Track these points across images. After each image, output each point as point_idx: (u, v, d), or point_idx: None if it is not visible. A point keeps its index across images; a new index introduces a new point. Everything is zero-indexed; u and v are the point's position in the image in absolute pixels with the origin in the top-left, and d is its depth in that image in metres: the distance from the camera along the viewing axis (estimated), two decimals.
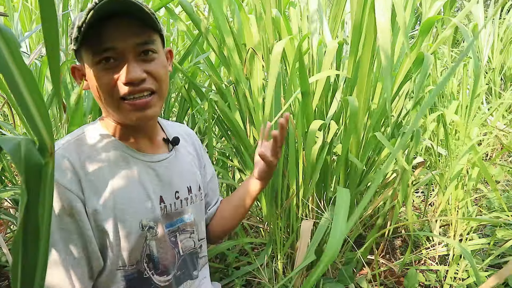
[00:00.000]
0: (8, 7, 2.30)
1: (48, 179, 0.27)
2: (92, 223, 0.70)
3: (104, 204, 0.71)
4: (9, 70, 0.27)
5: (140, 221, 0.75)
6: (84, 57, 0.72)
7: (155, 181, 0.80)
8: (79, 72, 0.78)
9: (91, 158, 0.73)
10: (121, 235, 0.73)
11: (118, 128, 0.78)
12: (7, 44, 0.28)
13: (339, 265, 1.34)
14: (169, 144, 0.87)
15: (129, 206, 0.74)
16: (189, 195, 0.87)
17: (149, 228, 0.76)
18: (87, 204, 0.70)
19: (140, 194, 0.76)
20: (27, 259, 0.28)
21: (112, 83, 0.71)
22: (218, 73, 1.53)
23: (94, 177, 0.71)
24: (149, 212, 0.77)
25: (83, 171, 0.70)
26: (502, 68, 2.96)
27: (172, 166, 0.84)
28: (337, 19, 1.38)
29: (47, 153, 0.26)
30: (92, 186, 0.70)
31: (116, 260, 0.73)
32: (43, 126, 0.27)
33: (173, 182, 0.83)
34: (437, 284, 1.52)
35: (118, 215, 0.72)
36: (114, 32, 0.69)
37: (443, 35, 1.24)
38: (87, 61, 0.72)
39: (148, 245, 0.77)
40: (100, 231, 0.71)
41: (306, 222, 1.12)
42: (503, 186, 2.19)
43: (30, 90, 0.27)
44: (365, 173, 1.35)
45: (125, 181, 0.75)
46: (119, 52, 0.70)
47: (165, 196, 0.81)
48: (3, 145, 0.25)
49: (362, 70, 1.12)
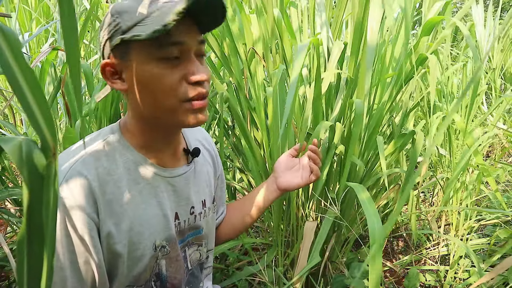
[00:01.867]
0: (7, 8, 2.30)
1: (51, 180, 0.27)
2: (104, 245, 0.66)
3: (119, 227, 0.67)
4: (11, 70, 0.27)
5: (154, 242, 0.72)
6: (137, 51, 0.63)
7: (172, 197, 0.76)
8: (113, 69, 0.67)
9: (110, 174, 0.67)
10: (133, 257, 0.69)
11: (143, 139, 0.72)
12: (9, 45, 0.28)
13: (339, 265, 1.34)
14: (189, 155, 0.81)
15: (146, 229, 0.70)
16: (203, 209, 0.83)
17: (161, 248, 0.73)
18: (102, 227, 0.65)
19: (157, 215, 0.72)
20: (32, 261, 0.28)
21: (177, 83, 0.64)
22: (219, 72, 1.53)
23: (112, 196, 0.66)
24: (164, 232, 0.73)
25: (101, 191, 0.65)
26: (502, 68, 2.96)
27: (191, 180, 0.80)
28: (338, 20, 1.38)
29: (50, 153, 0.26)
30: (108, 207, 0.66)
31: (124, 281, 0.71)
32: (46, 126, 0.26)
33: (190, 198, 0.79)
34: (437, 284, 1.52)
35: (133, 238, 0.69)
36: (182, 25, 0.61)
37: (442, 35, 1.24)
38: (141, 56, 0.63)
39: (158, 264, 0.74)
40: (112, 253, 0.67)
41: (309, 223, 1.12)
42: (503, 186, 2.19)
43: (32, 90, 0.27)
44: (365, 173, 1.35)
45: (143, 201, 0.70)
46: (185, 48, 0.64)
47: (180, 213, 0.77)
48: (4, 145, 0.25)
49: (363, 71, 1.12)
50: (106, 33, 0.65)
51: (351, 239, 1.36)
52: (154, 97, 0.65)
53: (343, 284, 1.23)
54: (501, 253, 1.37)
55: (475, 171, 1.77)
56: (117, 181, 0.67)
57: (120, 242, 0.67)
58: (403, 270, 1.60)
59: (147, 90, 0.65)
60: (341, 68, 1.30)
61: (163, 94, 0.64)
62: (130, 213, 0.68)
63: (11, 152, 0.26)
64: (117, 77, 0.67)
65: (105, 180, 0.66)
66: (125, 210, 0.67)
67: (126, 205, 0.68)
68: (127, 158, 0.70)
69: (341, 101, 1.23)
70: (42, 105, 0.27)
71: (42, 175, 0.26)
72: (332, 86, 1.31)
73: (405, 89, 1.35)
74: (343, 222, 1.14)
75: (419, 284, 1.51)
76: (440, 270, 1.57)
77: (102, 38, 0.67)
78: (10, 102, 1.24)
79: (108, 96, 1.34)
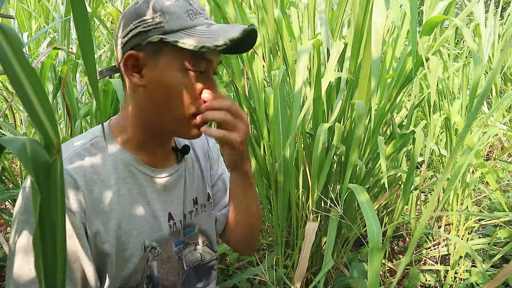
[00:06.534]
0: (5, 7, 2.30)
1: (57, 176, 0.27)
2: (92, 245, 0.66)
3: (107, 226, 0.67)
4: (13, 69, 0.27)
5: (143, 243, 0.71)
6: (170, 54, 0.65)
7: (163, 197, 0.75)
8: (136, 63, 0.67)
9: (98, 173, 0.67)
10: (122, 257, 0.69)
11: (136, 140, 0.72)
12: (11, 44, 0.28)
13: (339, 265, 1.34)
14: (179, 153, 0.81)
15: (134, 228, 0.70)
16: (194, 207, 0.83)
17: (152, 249, 0.73)
18: (89, 227, 0.65)
19: (146, 215, 0.72)
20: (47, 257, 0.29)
21: (196, 94, 0.67)
22: (218, 72, 1.53)
23: (100, 195, 0.66)
24: (154, 232, 0.73)
25: (88, 190, 0.65)
26: (502, 67, 2.96)
27: (182, 179, 0.80)
28: (338, 20, 1.38)
29: (54, 151, 0.26)
30: (96, 206, 0.66)
31: (114, 282, 0.70)
32: (49, 124, 0.27)
33: (182, 197, 0.79)
34: (437, 284, 1.52)
35: (122, 237, 0.68)
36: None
37: (444, 35, 1.24)
38: (172, 61, 0.65)
39: (150, 266, 0.73)
40: (100, 253, 0.67)
41: (311, 224, 1.11)
42: (503, 186, 2.19)
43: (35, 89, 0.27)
44: (366, 173, 1.35)
45: (132, 201, 0.70)
46: (210, 66, 0.68)
47: (174, 213, 0.77)
48: (9, 146, 0.25)
49: (363, 72, 1.12)
50: (143, 25, 0.64)
51: (351, 239, 1.36)
52: (168, 102, 0.67)
53: (345, 283, 1.23)
54: (502, 254, 1.37)
55: (475, 171, 1.77)
56: (105, 181, 0.67)
57: (108, 241, 0.67)
58: (403, 270, 1.60)
59: (165, 94, 0.66)
60: (342, 69, 1.30)
61: (178, 102, 0.66)
62: (118, 212, 0.68)
63: (17, 152, 0.26)
64: (136, 71, 0.67)
65: (92, 179, 0.66)
66: (113, 209, 0.67)
67: (114, 204, 0.68)
68: (116, 158, 0.70)
69: (341, 102, 1.23)
70: (44, 103, 0.27)
71: (49, 173, 0.27)
72: (333, 86, 1.31)
73: (406, 90, 1.35)
74: (344, 221, 1.13)
75: (419, 284, 1.51)
76: (440, 270, 1.57)
77: (134, 28, 0.65)
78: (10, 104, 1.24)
79: (108, 97, 1.34)
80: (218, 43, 0.61)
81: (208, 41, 0.62)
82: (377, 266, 0.77)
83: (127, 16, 0.67)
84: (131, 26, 0.66)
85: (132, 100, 0.70)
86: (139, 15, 0.65)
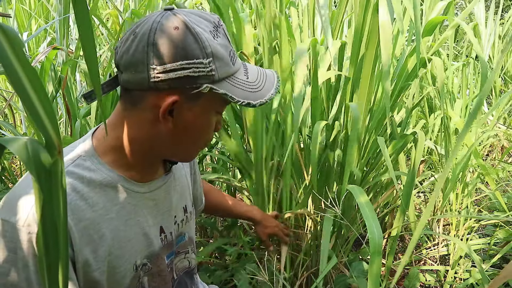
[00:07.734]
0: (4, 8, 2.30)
1: (59, 177, 0.27)
2: (81, 275, 0.62)
3: (96, 254, 0.63)
4: (13, 69, 0.27)
5: (134, 263, 0.69)
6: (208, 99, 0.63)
7: (154, 212, 0.73)
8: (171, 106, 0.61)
9: (85, 199, 0.62)
10: (113, 281, 0.66)
11: (126, 161, 0.67)
12: (11, 44, 0.28)
13: (339, 265, 1.34)
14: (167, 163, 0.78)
15: (126, 251, 0.67)
16: (184, 215, 0.82)
17: (143, 266, 0.71)
18: (77, 258, 0.61)
19: (137, 235, 0.69)
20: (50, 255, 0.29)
21: (214, 129, 0.70)
22: None
23: (88, 222, 0.62)
24: (145, 250, 0.71)
25: (75, 220, 0.60)
26: (502, 68, 2.97)
27: (171, 189, 0.77)
28: (338, 19, 1.37)
29: (55, 151, 0.26)
30: (85, 235, 0.61)
31: None
32: (50, 124, 0.27)
33: (172, 208, 0.77)
34: (437, 284, 1.52)
35: (113, 262, 0.65)
36: None
37: (444, 35, 1.24)
38: (209, 105, 0.64)
39: (141, 283, 0.71)
40: (89, 281, 0.63)
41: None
42: (503, 186, 2.19)
43: (35, 88, 0.27)
44: (365, 174, 1.35)
45: (122, 223, 0.67)
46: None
47: (165, 225, 0.75)
48: (9, 146, 0.25)
49: (364, 72, 1.12)
50: (193, 69, 0.59)
51: (351, 239, 1.36)
52: (194, 140, 0.69)
53: (345, 283, 1.23)
54: (502, 254, 1.37)
55: (475, 171, 1.77)
56: (93, 205, 0.63)
57: (98, 268, 0.63)
58: (403, 270, 1.59)
59: (193, 133, 0.67)
60: (342, 69, 1.29)
61: (204, 139, 0.70)
62: (108, 237, 0.64)
63: (18, 152, 0.26)
64: (169, 115, 0.62)
65: (79, 207, 0.61)
66: (103, 234, 0.64)
67: (104, 229, 0.64)
68: (102, 178, 0.64)
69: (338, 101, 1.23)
70: (45, 103, 0.27)
71: (50, 173, 0.27)
72: (332, 86, 1.31)
73: (406, 90, 1.35)
74: (343, 222, 1.13)
75: (419, 284, 1.51)
76: (440, 270, 1.57)
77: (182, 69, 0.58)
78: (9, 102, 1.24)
79: (108, 97, 1.34)
80: (262, 102, 0.66)
81: (252, 97, 0.65)
82: (378, 269, 0.77)
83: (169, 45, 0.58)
84: (177, 65, 0.58)
85: (139, 129, 0.65)
86: (189, 55, 0.58)
